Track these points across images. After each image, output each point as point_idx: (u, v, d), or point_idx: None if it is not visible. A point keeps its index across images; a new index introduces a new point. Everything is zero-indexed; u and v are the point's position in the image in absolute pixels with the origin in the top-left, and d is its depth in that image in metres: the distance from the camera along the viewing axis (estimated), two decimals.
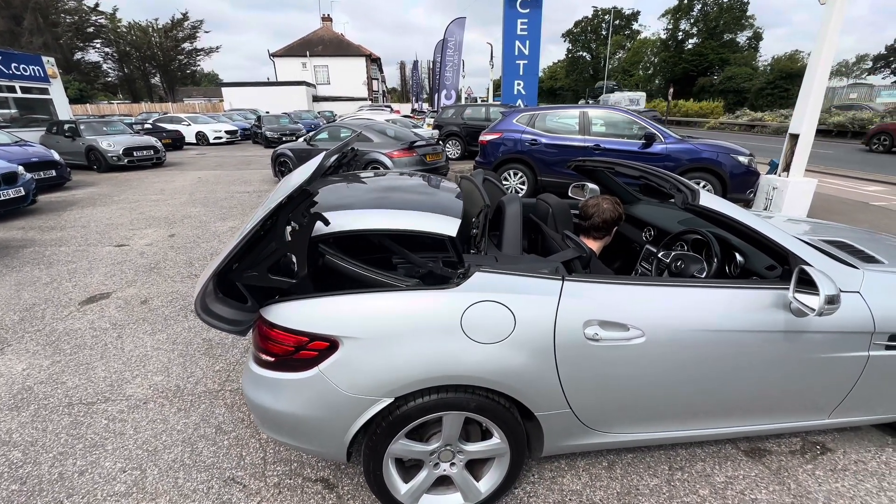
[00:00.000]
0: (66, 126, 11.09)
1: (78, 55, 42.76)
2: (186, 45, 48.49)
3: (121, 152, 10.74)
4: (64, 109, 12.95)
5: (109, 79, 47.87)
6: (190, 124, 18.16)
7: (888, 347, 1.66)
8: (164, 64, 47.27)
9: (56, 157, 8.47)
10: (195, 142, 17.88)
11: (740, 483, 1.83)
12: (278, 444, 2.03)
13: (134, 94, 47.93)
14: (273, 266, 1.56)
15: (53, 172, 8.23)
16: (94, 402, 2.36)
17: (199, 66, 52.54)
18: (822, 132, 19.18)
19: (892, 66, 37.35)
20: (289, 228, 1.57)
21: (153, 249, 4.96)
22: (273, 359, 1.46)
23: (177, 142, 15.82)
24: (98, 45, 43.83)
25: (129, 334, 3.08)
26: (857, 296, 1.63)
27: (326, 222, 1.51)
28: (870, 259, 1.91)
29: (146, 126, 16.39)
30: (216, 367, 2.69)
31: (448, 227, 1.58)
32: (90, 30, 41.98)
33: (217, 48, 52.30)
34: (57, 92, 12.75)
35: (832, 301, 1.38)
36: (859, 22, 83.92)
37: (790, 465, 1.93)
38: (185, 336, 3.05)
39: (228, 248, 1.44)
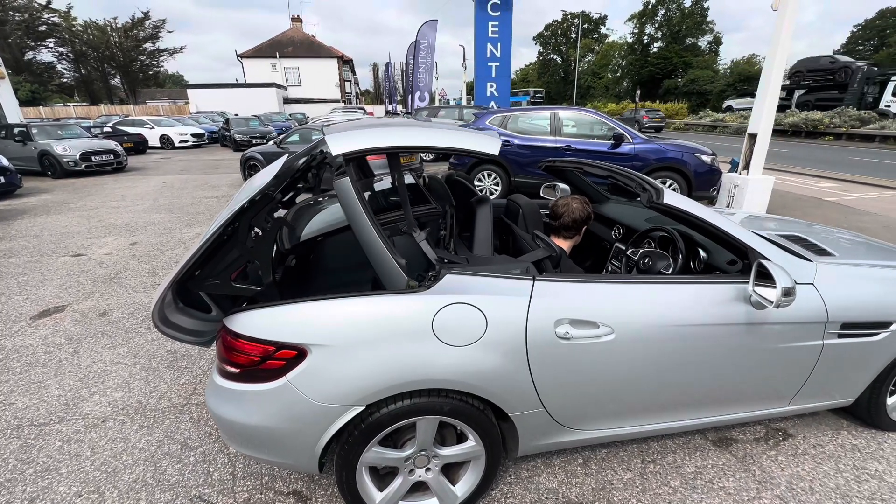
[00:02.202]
0: (15, 129, 10.46)
1: (29, 55, 40.36)
2: (148, 46, 46.43)
3: (77, 157, 10.20)
4: (13, 112, 12.24)
5: (65, 80, 45.38)
6: (153, 127, 17.46)
7: (840, 336, 1.75)
8: (124, 65, 45.11)
9: (5, 162, 7.97)
10: (159, 146, 17.21)
11: (709, 472, 1.89)
12: (248, 458, 1.96)
13: (92, 97, 45.60)
14: (241, 273, 1.50)
15: (2, 179, 7.75)
16: (47, 424, 2.21)
17: (162, 66, 50.38)
18: (779, 132, 20.20)
19: None
20: (252, 234, 1.52)
21: (113, 259, 4.72)
22: (238, 370, 1.41)
23: (139, 146, 15.20)
24: (51, 45, 41.52)
25: (86, 349, 2.91)
26: (811, 287, 1.71)
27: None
28: (822, 252, 2.01)
29: (106, 129, 15.62)
30: (181, 380, 2.57)
31: (490, 145, 1.52)
32: (42, 28, 39.70)
33: (181, 48, 50.10)
34: (5, 93, 12.05)
35: (788, 293, 1.44)
36: (809, 28, 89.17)
37: (755, 452, 2.00)
38: (148, 349, 2.91)
39: (188, 255, 1.37)
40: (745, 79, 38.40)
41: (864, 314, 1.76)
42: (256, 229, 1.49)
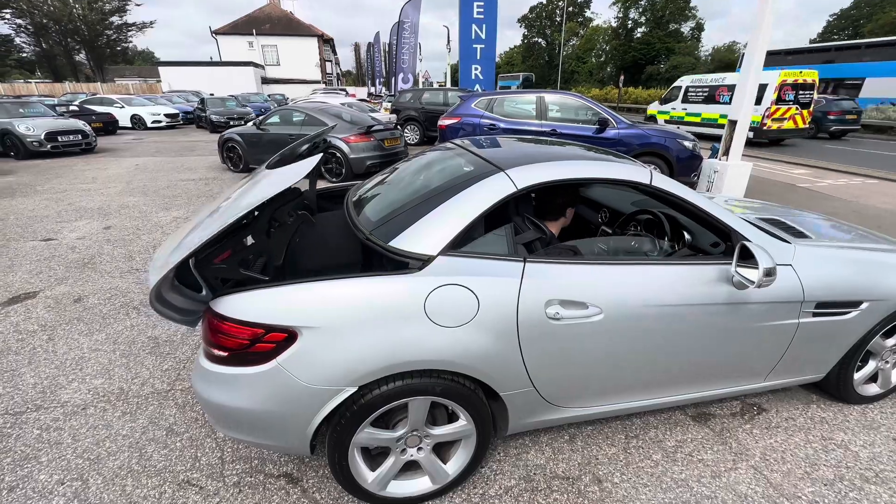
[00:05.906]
0: None
1: None
2: (115, 19, 43.96)
3: (42, 137, 9.69)
4: None
5: (24, 55, 42.73)
6: (123, 106, 16.67)
7: (815, 314, 1.83)
8: (89, 39, 42.57)
9: None
10: (130, 126, 16.48)
11: (689, 446, 1.97)
12: (236, 442, 1.94)
13: (55, 73, 43.11)
14: (244, 260, 1.47)
15: None
16: (23, 412, 2.15)
17: (131, 42, 47.93)
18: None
19: None
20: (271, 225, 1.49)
21: (86, 243, 4.54)
22: (226, 353, 1.38)
23: (109, 126, 14.51)
24: (8, 16, 38.87)
25: (61, 336, 2.82)
26: (789, 268, 1.77)
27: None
28: (800, 234, 2.08)
29: (72, 108, 14.81)
30: (164, 365, 2.52)
31: (641, 175, 1.72)
32: None
33: (151, 23, 47.44)
34: None
35: (770, 273, 1.49)
36: (787, 16, 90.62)
37: (731, 426, 2.09)
38: (128, 335, 2.83)
39: (197, 236, 1.33)
40: (726, 66, 38.89)
41: (838, 294, 1.84)
42: (277, 220, 1.46)
